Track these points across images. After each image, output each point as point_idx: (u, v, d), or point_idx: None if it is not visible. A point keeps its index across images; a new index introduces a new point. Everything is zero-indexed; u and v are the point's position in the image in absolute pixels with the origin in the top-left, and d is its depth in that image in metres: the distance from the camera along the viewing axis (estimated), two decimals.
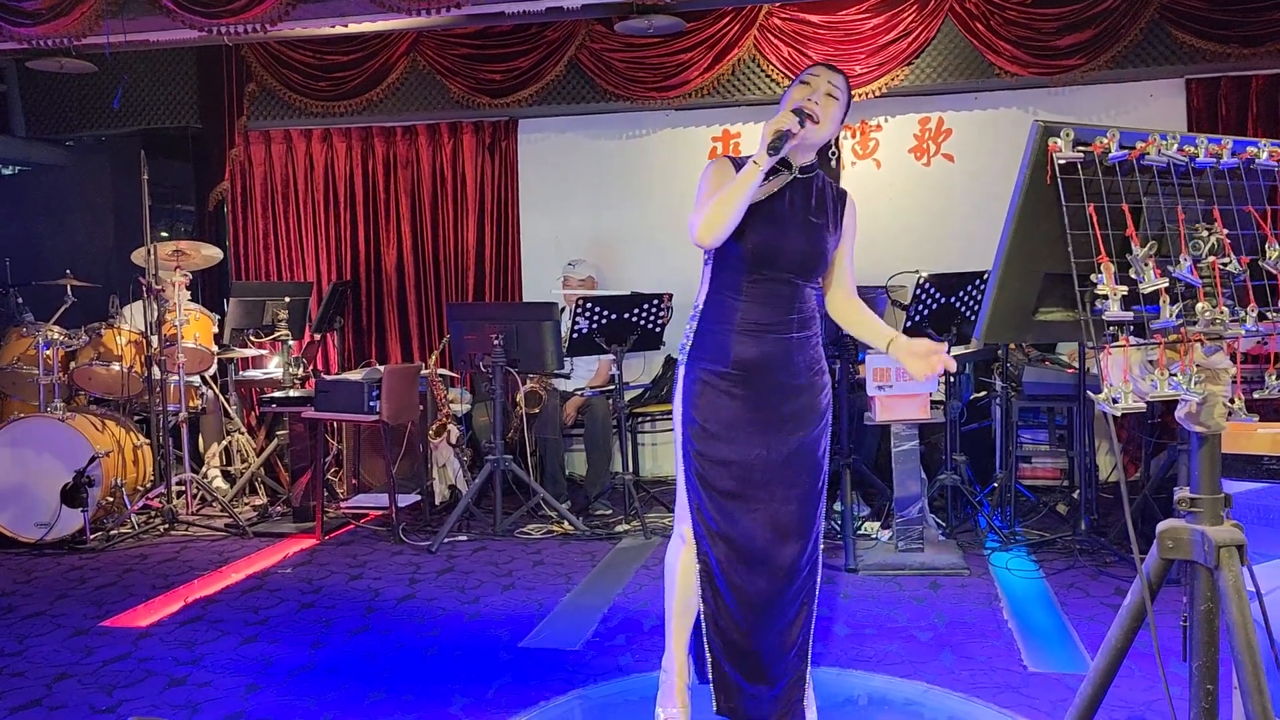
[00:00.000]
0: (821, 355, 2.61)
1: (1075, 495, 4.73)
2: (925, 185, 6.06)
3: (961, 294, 4.65)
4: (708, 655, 2.58)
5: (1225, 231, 1.65)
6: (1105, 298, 1.56)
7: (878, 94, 5.86)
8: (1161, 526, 1.73)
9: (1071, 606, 3.78)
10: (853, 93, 5.72)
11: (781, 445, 2.53)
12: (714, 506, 2.53)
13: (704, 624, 2.58)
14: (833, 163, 2.67)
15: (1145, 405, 1.60)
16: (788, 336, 2.52)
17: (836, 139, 2.66)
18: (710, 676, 2.59)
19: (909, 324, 4.60)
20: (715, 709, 2.60)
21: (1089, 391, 4.05)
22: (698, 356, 2.56)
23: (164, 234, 6.92)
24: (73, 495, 4.90)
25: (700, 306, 2.59)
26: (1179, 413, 1.69)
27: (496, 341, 4.97)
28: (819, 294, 2.63)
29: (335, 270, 6.65)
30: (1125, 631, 1.77)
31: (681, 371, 2.61)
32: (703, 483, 2.55)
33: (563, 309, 5.42)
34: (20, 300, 5.49)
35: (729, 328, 2.51)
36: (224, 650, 3.54)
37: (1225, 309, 1.62)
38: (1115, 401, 1.58)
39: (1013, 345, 5.02)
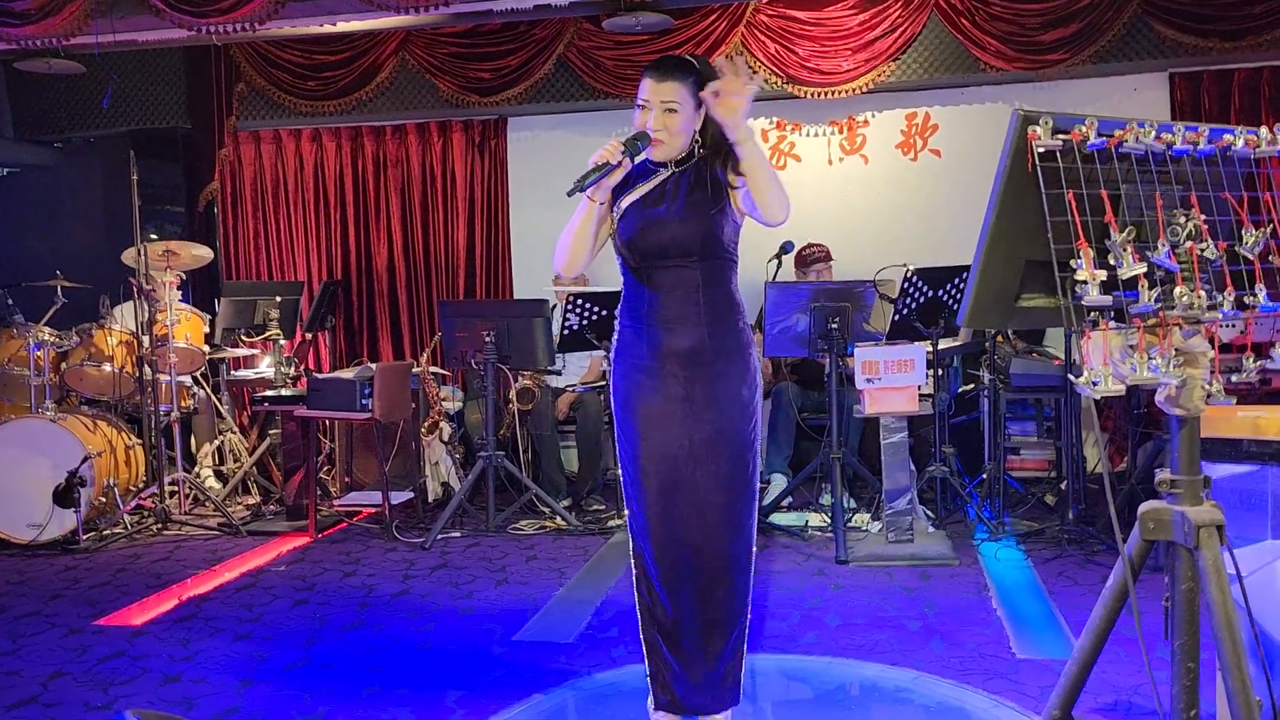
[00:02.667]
0: (745, 341, 2.58)
1: (1063, 486, 4.77)
2: (912, 180, 6.10)
3: (949, 287, 4.69)
4: (644, 648, 2.62)
5: (1202, 217, 1.69)
6: (1085, 283, 1.60)
7: (864, 90, 5.90)
8: (1143, 508, 1.77)
9: (1060, 595, 3.81)
10: (838, 88, 5.80)
11: (702, 433, 2.53)
12: (644, 500, 2.56)
13: (639, 617, 2.62)
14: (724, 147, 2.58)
15: (1124, 388, 1.63)
16: (699, 323, 2.52)
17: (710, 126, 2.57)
18: (648, 670, 2.63)
19: (897, 317, 4.64)
20: (654, 705, 2.64)
21: (1070, 376, 4.09)
22: (620, 354, 2.62)
23: (154, 235, 6.91)
24: (65, 496, 4.90)
25: (619, 304, 2.66)
26: (1158, 396, 1.72)
27: (488, 338, 4.99)
28: (732, 268, 2.59)
29: (326, 269, 6.66)
30: (1108, 612, 1.81)
31: (609, 370, 2.67)
32: (633, 477, 2.58)
33: (553, 306, 5.44)
34: (10, 301, 5.49)
35: (641, 321, 2.56)
36: (218, 647, 3.55)
37: (1203, 294, 1.66)
38: (1095, 385, 1.61)
39: (1000, 337, 5.06)
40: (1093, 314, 1.66)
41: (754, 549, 2.62)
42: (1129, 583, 1.75)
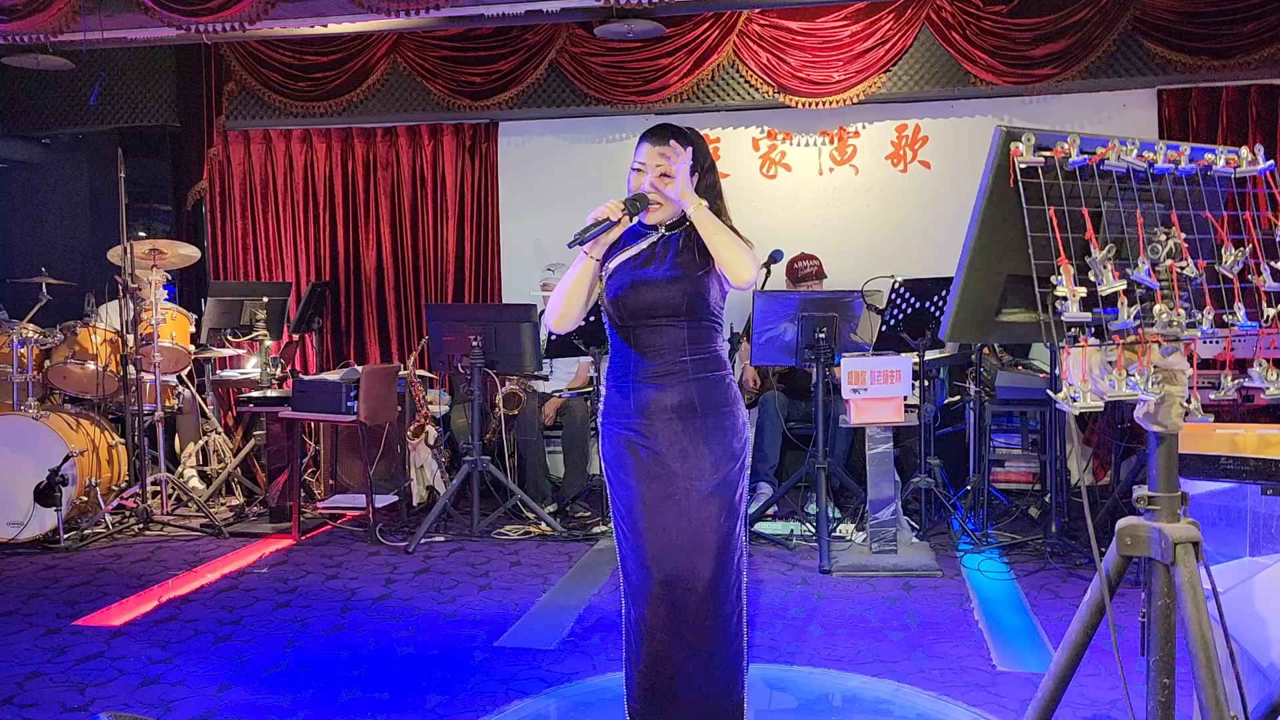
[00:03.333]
0: (733, 395, 2.59)
1: (1047, 499, 4.79)
2: (902, 191, 6.12)
3: (935, 299, 4.71)
4: (634, 704, 2.56)
5: (1183, 236, 1.70)
6: (1065, 299, 1.60)
7: (855, 100, 5.92)
8: (1121, 524, 1.77)
9: (1041, 608, 3.83)
10: (829, 99, 5.82)
11: (699, 485, 2.50)
12: (637, 558, 2.52)
13: (626, 673, 2.57)
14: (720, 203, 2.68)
15: (1103, 404, 1.63)
16: (687, 379, 2.52)
17: (714, 177, 2.67)
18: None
19: (884, 327, 4.65)
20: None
21: (1048, 391, 4.10)
22: (609, 413, 2.61)
23: (141, 233, 6.88)
24: (46, 494, 4.87)
25: (606, 367, 2.66)
26: (1137, 412, 1.73)
27: (475, 343, 4.98)
28: (718, 331, 2.61)
29: (314, 271, 6.64)
30: (1085, 627, 1.81)
31: (600, 431, 2.66)
32: (634, 532, 2.53)
33: (541, 311, 5.43)
34: None
35: (629, 380, 2.56)
36: (197, 649, 3.53)
37: (1182, 311, 1.66)
38: (1074, 400, 1.61)
39: (986, 350, 5.07)
40: (1073, 330, 1.67)
41: (744, 609, 2.60)
42: (1105, 598, 1.76)
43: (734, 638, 2.54)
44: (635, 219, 2.59)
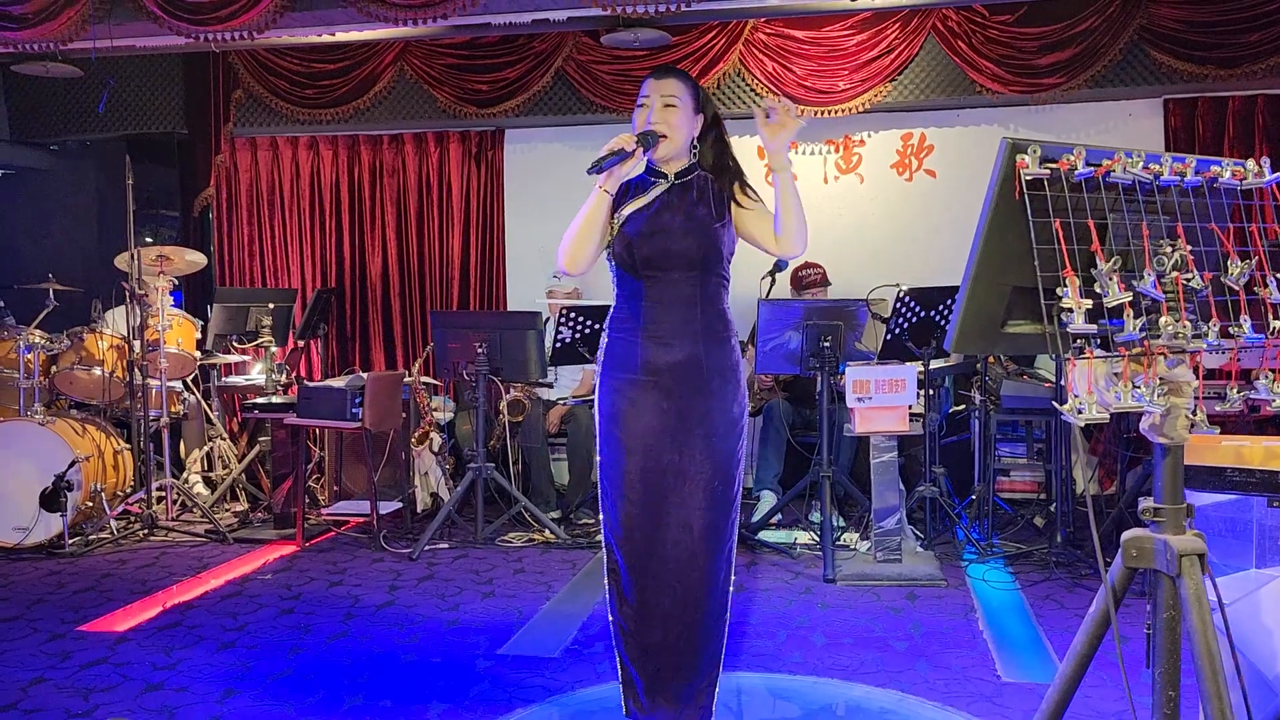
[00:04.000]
0: (736, 360, 2.60)
1: (1052, 508, 4.78)
2: (907, 200, 6.12)
3: (941, 308, 4.70)
4: (617, 659, 2.64)
5: (1188, 248, 1.70)
6: (1071, 311, 1.60)
7: (861, 109, 5.93)
8: (1126, 536, 1.77)
9: (1046, 618, 3.81)
10: (834, 107, 5.82)
11: (693, 449, 2.53)
12: (626, 513, 2.55)
13: (612, 629, 2.63)
14: (723, 156, 2.71)
15: (1109, 416, 1.63)
16: (695, 339, 2.54)
17: (718, 130, 2.72)
18: (620, 679, 2.63)
19: (889, 336, 4.65)
20: (624, 711, 2.64)
21: (1054, 401, 4.10)
22: (609, 365, 2.61)
23: (149, 239, 6.90)
24: (51, 500, 4.88)
25: (610, 316, 2.66)
26: (1143, 424, 1.73)
27: (480, 350, 4.99)
28: (725, 287, 2.62)
29: (320, 277, 6.66)
30: (1090, 638, 1.81)
31: (597, 382, 2.65)
32: (615, 490, 2.57)
33: (546, 318, 5.44)
34: (2, 304, 5.48)
35: (635, 334, 2.56)
36: (201, 655, 3.53)
37: (1188, 323, 1.66)
38: (1080, 412, 1.61)
39: (992, 359, 5.07)
40: (1078, 341, 1.67)
41: (733, 567, 2.62)
42: (1111, 610, 1.75)
43: (720, 594, 2.58)
44: (646, 154, 2.59)
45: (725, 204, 2.62)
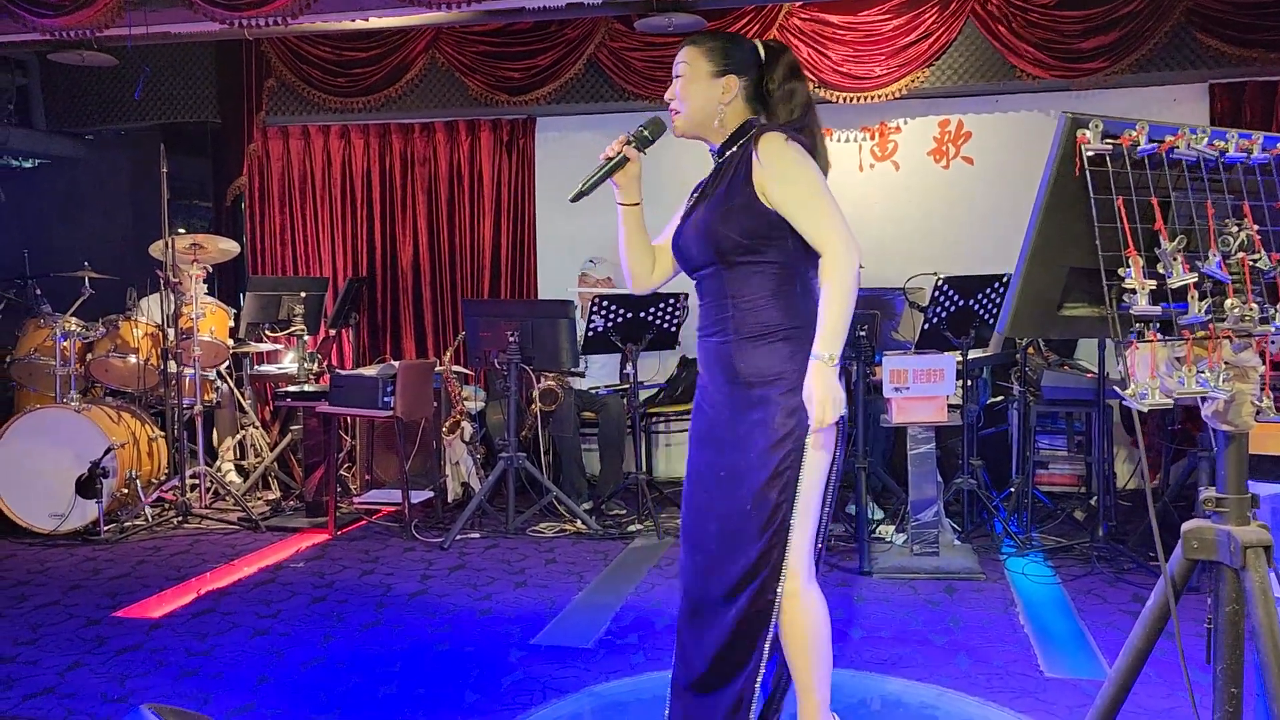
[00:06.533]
0: (777, 363, 2.18)
1: (1093, 502, 4.69)
2: (944, 188, 6.02)
3: (980, 296, 4.62)
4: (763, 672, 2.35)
5: (1255, 227, 1.63)
6: (1133, 292, 1.54)
7: (897, 95, 5.83)
8: (1187, 526, 1.70)
9: (1088, 612, 3.73)
10: (870, 93, 5.72)
11: (718, 465, 2.25)
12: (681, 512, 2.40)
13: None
14: (775, 104, 2.29)
15: (1172, 402, 1.57)
16: (725, 338, 2.22)
17: (778, 69, 2.30)
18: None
19: (926, 325, 4.57)
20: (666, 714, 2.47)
21: (1115, 389, 4.00)
22: None
23: (181, 229, 6.92)
24: (87, 487, 4.92)
25: None
26: (1205, 410, 1.66)
27: (512, 339, 4.96)
28: (768, 273, 2.19)
29: (351, 266, 6.66)
30: (1148, 633, 1.75)
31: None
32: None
33: (577, 307, 5.40)
34: (39, 292, 5.53)
35: (697, 335, 2.37)
36: (235, 642, 3.53)
37: (1255, 306, 1.59)
38: (1142, 398, 1.55)
39: (1031, 349, 4.97)
40: (1138, 325, 1.60)
41: (775, 597, 2.21)
42: (1171, 603, 1.69)
43: (744, 630, 2.22)
44: (645, 150, 2.31)
45: (741, 175, 2.21)
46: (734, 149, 2.28)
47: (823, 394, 2.10)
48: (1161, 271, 1.57)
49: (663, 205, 2.57)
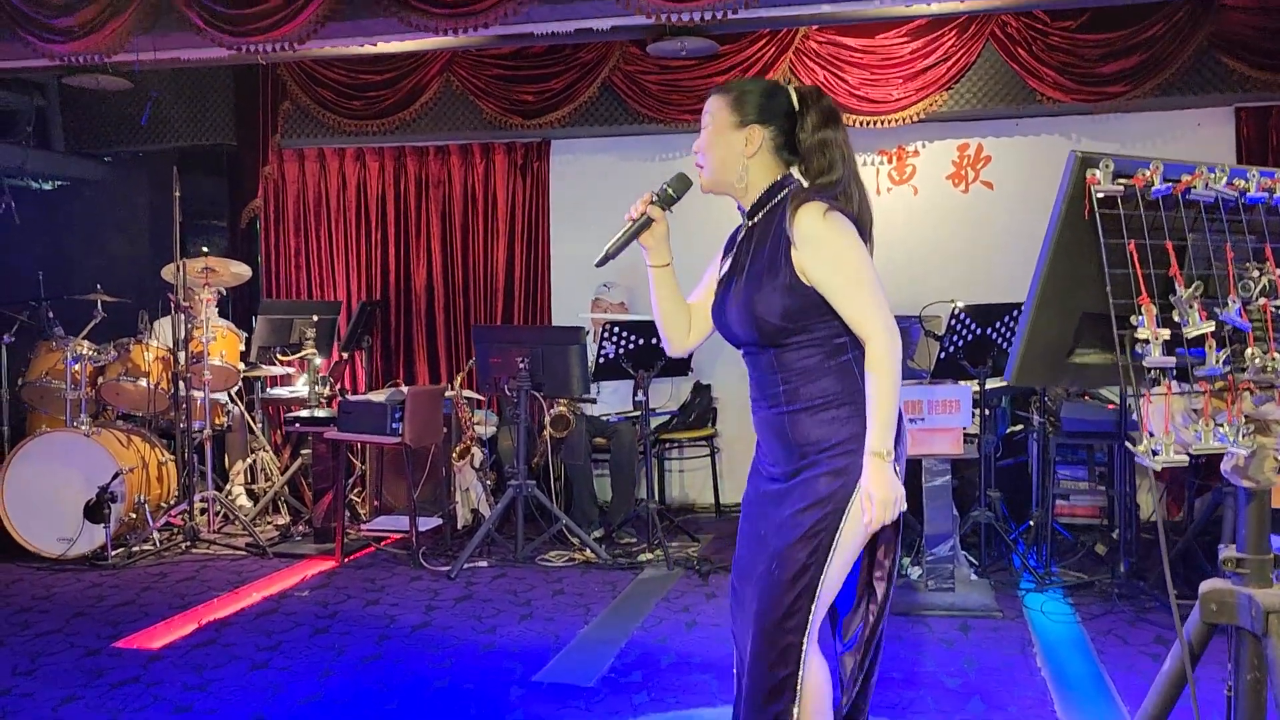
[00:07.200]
0: (830, 432, 2.05)
1: (1115, 536, 4.56)
2: (963, 213, 5.93)
3: (999, 325, 4.52)
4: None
5: (1278, 271, 1.54)
6: (1146, 342, 1.45)
7: (915, 119, 5.75)
8: (1204, 588, 1.61)
9: (1109, 655, 3.61)
10: (888, 117, 5.64)
11: (761, 551, 2.12)
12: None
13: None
14: (806, 155, 2.11)
15: (1188, 458, 1.48)
16: (779, 410, 2.09)
17: (812, 116, 2.12)
18: None
19: (943, 355, 4.48)
20: None
21: (1127, 444, 3.90)
22: None
23: (205, 249, 6.93)
24: (95, 511, 4.89)
25: None
26: (1225, 465, 1.57)
27: (522, 365, 4.90)
28: (823, 347, 2.07)
29: (365, 289, 6.63)
30: (1163, 699, 1.65)
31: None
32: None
33: (588, 333, 5.34)
34: (51, 314, 5.52)
35: (752, 405, 2.23)
36: (233, 676, 3.47)
37: (1277, 355, 1.50)
38: (1155, 454, 1.46)
39: None
40: (1153, 374, 1.52)
41: (798, 675, 2.07)
42: (1188, 669, 1.60)
43: (765, 695, 2.09)
44: (671, 208, 2.18)
45: (780, 249, 2.05)
46: (765, 211, 2.12)
47: (885, 494, 2.00)
48: (1177, 319, 1.48)
49: (695, 254, 2.43)
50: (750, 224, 2.15)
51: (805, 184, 2.11)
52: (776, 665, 2.05)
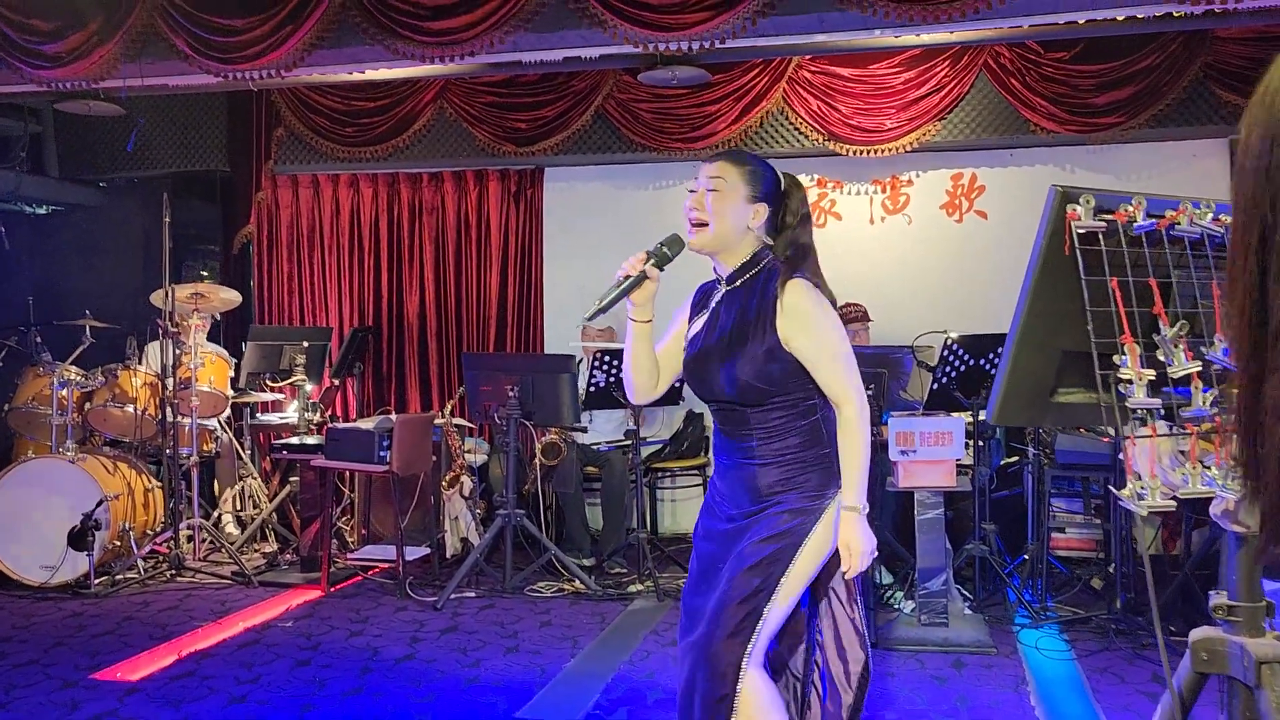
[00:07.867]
0: (795, 476, 2.20)
1: (1111, 569, 4.50)
2: (957, 243, 5.91)
3: (991, 356, 4.49)
4: None
5: None
6: (1130, 383, 1.41)
7: (909, 149, 5.74)
8: (1194, 636, 1.55)
9: (1104, 694, 3.54)
10: (881, 146, 5.63)
11: (715, 577, 2.25)
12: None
13: None
14: (791, 233, 2.29)
15: (1175, 503, 1.43)
16: (751, 463, 2.23)
17: (794, 202, 2.31)
18: None
19: (935, 386, 4.44)
20: None
21: (1111, 488, 3.84)
22: (712, 480, 2.44)
23: (204, 274, 6.88)
24: (79, 539, 4.83)
25: None
26: (1214, 509, 1.52)
27: (512, 393, 4.85)
28: (798, 409, 2.22)
29: (358, 315, 6.60)
30: None
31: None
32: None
33: (579, 361, 5.30)
34: (39, 340, 5.48)
35: (716, 456, 2.36)
36: (209, 711, 3.41)
37: None
38: (1141, 498, 1.41)
39: None
40: (1139, 413, 1.47)
41: (733, 695, 2.15)
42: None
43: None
44: (663, 268, 2.24)
45: (770, 320, 2.19)
46: (747, 279, 2.27)
47: (860, 545, 2.17)
48: (1162, 358, 1.44)
49: (681, 253, 2.40)
50: (729, 288, 2.29)
51: (779, 258, 2.28)
52: (716, 683, 2.17)
